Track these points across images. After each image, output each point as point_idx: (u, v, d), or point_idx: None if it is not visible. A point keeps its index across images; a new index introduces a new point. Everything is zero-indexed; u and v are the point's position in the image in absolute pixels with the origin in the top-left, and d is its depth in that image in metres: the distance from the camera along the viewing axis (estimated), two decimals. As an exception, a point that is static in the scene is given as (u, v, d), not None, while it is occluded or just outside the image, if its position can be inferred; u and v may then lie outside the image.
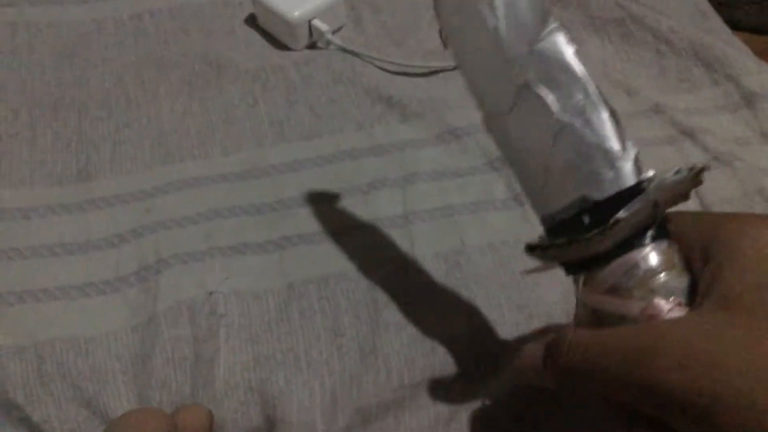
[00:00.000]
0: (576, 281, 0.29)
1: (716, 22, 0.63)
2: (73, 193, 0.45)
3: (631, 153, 0.28)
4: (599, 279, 0.27)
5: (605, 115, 0.28)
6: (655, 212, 0.27)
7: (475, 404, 0.37)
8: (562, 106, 0.28)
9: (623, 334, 0.25)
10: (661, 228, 0.27)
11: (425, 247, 0.43)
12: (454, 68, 0.55)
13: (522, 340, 0.39)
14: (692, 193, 0.45)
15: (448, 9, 0.30)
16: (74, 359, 0.37)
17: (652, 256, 0.27)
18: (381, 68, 0.56)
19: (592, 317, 0.28)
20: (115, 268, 0.41)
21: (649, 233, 0.27)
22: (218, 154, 0.48)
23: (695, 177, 0.27)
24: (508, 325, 0.40)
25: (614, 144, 0.27)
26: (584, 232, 0.26)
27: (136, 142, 0.48)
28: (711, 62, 0.57)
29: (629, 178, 0.27)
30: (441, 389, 0.38)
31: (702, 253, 0.26)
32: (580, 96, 0.28)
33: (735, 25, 0.63)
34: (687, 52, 0.58)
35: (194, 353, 0.38)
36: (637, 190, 0.27)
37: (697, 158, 0.49)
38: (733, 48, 0.59)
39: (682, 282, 0.26)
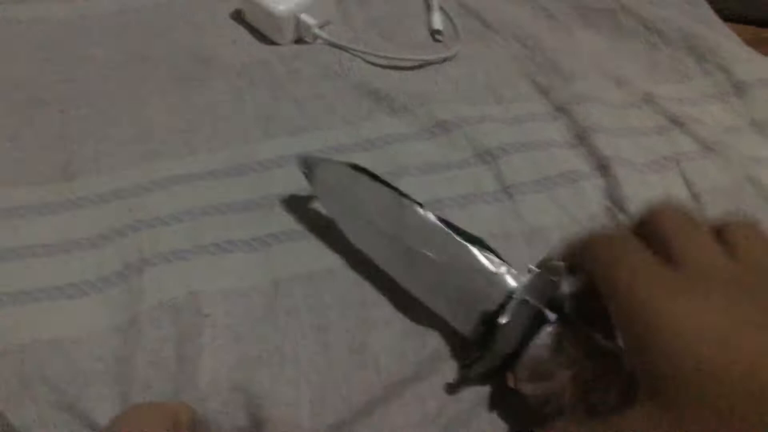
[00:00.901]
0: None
1: (706, 11, 0.62)
2: (55, 192, 0.44)
3: (502, 268, 0.36)
4: (519, 374, 0.34)
5: (474, 249, 0.37)
6: (530, 308, 0.33)
7: (466, 398, 0.37)
8: (437, 252, 0.38)
9: None
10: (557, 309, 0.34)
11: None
12: (443, 60, 0.55)
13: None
14: (681, 183, 0.46)
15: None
16: (55, 362, 0.36)
17: (549, 338, 0.33)
18: (369, 62, 0.55)
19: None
20: (97, 268, 0.40)
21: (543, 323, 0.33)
22: (204, 151, 0.47)
23: (549, 273, 0.33)
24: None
25: (488, 265, 0.36)
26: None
27: (120, 140, 0.48)
28: (702, 52, 0.56)
29: (507, 287, 0.35)
30: (430, 385, 0.37)
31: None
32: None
33: (722, 15, 0.62)
34: (678, 43, 0.58)
35: (177, 354, 0.37)
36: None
37: (687, 147, 0.49)
38: (723, 37, 0.58)
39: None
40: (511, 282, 0.36)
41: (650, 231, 0.29)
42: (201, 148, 0.48)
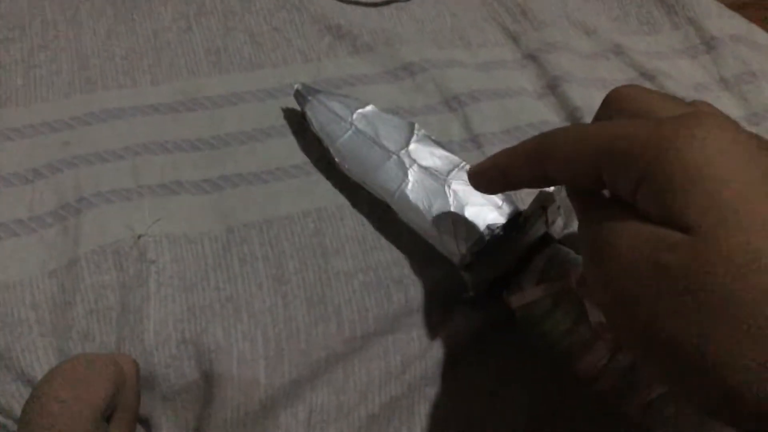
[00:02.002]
0: (506, 297, 0.34)
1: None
2: (-22, 122, 0.39)
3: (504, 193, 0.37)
4: (527, 278, 0.34)
5: None
6: (547, 214, 0.34)
7: (431, 354, 0.35)
8: (446, 172, 0.38)
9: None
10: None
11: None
12: (409, -1, 0.51)
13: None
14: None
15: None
16: (-18, 309, 0.33)
17: (558, 246, 0.34)
18: (329, -4, 0.51)
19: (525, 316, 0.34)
20: (29, 206, 0.36)
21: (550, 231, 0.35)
22: (147, 83, 0.43)
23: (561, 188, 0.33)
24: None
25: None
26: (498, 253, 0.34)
27: (52, 67, 0.43)
28: (672, 4, 0.55)
29: (514, 206, 0.36)
30: (395, 340, 0.35)
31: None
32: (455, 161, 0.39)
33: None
34: (647, -6, 0.56)
35: (120, 302, 0.34)
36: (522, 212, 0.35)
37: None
38: (693, -10, 0.57)
39: None
40: (513, 202, 0.37)
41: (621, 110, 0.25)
42: (144, 79, 0.43)
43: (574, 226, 0.40)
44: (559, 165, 0.24)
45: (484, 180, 0.30)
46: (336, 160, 0.39)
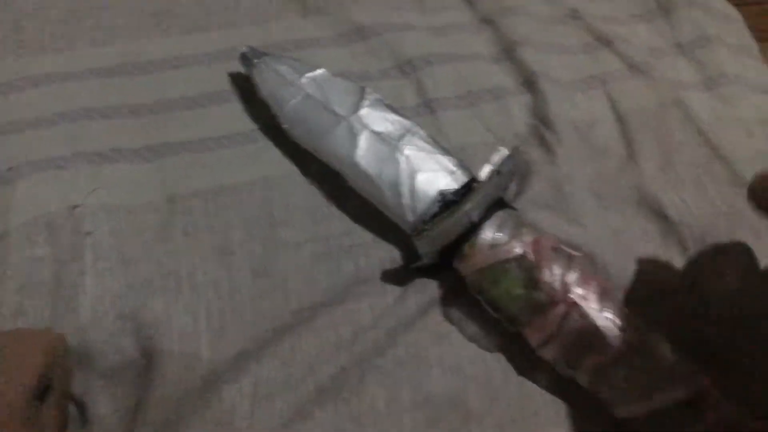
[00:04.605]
0: (457, 263, 0.34)
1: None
2: None
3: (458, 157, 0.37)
4: (479, 244, 0.33)
5: (428, 136, 0.37)
6: (500, 179, 0.34)
7: (382, 324, 0.34)
8: (398, 137, 0.36)
9: None
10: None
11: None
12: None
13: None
14: (607, 103, 0.44)
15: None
16: None
17: (510, 211, 0.35)
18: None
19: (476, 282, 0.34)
20: (-45, 176, 0.34)
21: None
22: (86, 45, 0.41)
23: (516, 154, 0.35)
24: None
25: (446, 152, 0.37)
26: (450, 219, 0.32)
27: (-19, 29, 0.41)
28: (628, -33, 0.54)
29: (468, 172, 0.36)
30: (344, 311, 0.34)
31: None
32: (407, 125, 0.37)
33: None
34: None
35: (55, 276, 0.32)
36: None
37: (614, 66, 0.47)
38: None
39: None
40: (467, 169, 0.36)
41: None
42: (82, 42, 0.41)
43: (529, 191, 0.39)
44: None
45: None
46: (284, 126, 0.37)
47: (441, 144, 0.37)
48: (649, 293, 0.36)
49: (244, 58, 0.39)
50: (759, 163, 0.43)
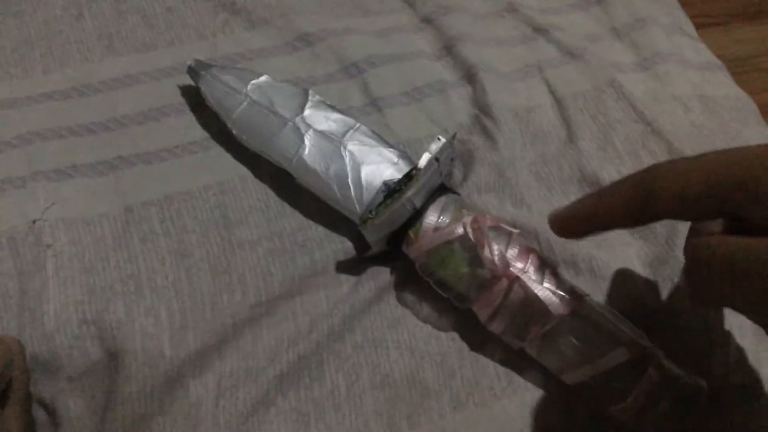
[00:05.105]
0: (405, 248, 0.36)
1: None
2: None
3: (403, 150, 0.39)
4: (424, 228, 0.35)
5: (370, 132, 0.39)
6: (439, 166, 0.35)
7: (339, 312, 0.36)
8: (342, 134, 0.39)
9: None
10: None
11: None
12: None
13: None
14: (545, 89, 0.46)
15: None
16: None
17: (452, 195, 0.37)
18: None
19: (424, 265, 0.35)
20: None
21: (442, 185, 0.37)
22: (39, 72, 0.43)
23: (452, 141, 0.37)
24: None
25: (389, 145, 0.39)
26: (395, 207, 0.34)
27: (-63, 62, 0.42)
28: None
29: (410, 162, 0.38)
30: (302, 302, 0.36)
31: None
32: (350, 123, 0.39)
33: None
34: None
35: (19, 288, 0.34)
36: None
37: (550, 54, 0.49)
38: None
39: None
40: (409, 159, 0.38)
41: None
42: (35, 69, 0.43)
43: (473, 177, 0.41)
44: (670, 203, 0.25)
45: (568, 226, 0.31)
46: (234, 132, 0.39)
47: (383, 138, 0.39)
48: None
49: (192, 71, 0.41)
50: (696, 136, 0.46)
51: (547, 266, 0.34)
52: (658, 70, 0.49)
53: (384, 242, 0.36)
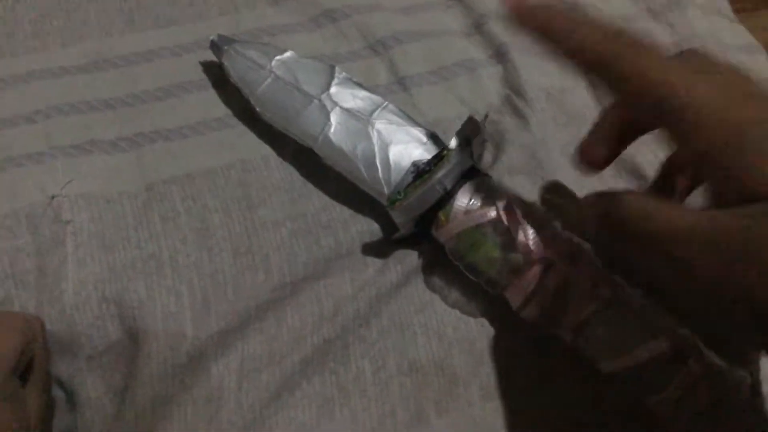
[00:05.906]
0: (434, 231, 0.34)
1: None
2: None
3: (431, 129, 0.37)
4: (454, 211, 0.33)
5: (398, 110, 0.38)
6: (470, 147, 0.34)
7: (365, 295, 0.34)
8: (369, 112, 0.37)
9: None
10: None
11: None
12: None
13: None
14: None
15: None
16: None
17: (484, 178, 0.35)
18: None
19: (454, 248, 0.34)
20: (-66, 174, 0.35)
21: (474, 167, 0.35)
22: (57, 46, 0.42)
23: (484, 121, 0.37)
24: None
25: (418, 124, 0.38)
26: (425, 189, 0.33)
27: (-46, 35, 0.41)
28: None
29: (440, 142, 0.37)
30: (326, 285, 0.35)
31: None
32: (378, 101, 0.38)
33: None
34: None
35: (37, 266, 0.33)
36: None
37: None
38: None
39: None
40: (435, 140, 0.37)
41: None
42: (53, 42, 0.42)
43: (504, 159, 0.39)
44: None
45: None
46: (257, 109, 0.38)
47: (411, 117, 0.37)
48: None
49: (214, 46, 0.39)
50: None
51: (582, 252, 0.33)
52: (694, 51, 0.48)
53: (412, 225, 0.35)
